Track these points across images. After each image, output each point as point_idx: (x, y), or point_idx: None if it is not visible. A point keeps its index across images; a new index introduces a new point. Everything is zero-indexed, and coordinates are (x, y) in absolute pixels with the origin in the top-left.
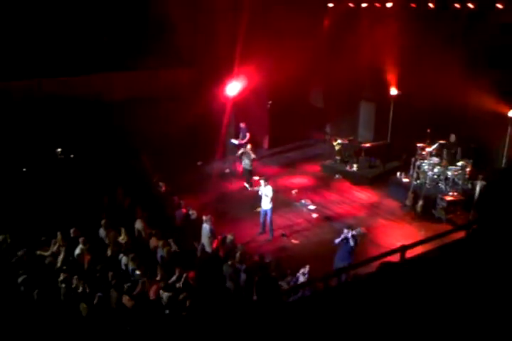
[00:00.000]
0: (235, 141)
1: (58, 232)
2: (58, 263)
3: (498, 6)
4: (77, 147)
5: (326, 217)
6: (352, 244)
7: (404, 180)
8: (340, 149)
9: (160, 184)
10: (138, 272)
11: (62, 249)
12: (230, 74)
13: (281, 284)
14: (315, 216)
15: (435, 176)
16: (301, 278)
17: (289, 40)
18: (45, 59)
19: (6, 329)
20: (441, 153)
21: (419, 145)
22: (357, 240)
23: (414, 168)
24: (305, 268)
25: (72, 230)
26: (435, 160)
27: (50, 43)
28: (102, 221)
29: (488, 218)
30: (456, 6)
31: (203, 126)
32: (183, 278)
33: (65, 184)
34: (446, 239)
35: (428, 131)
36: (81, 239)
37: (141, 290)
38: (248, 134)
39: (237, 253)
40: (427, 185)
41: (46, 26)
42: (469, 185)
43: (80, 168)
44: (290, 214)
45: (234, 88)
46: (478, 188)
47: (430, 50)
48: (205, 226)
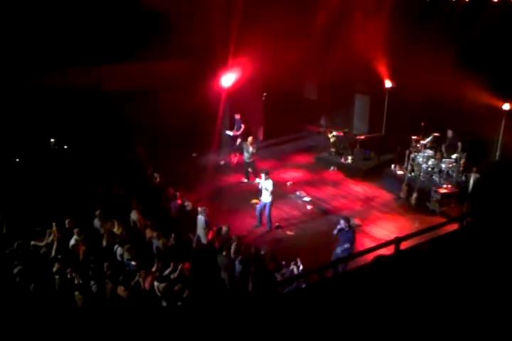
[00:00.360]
0: (229, 133)
1: (53, 223)
2: (52, 253)
3: None
4: (72, 138)
5: (321, 209)
6: (349, 235)
7: (398, 172)
8: (335, 141)
9: (155, 175)
10: (133, 263)
11: (56, 239)
12: (225, 66)
13: (277, 276)
14: (309, 208)
15: (429, 169)
16: (295, 269)
17: (283, 33)
18: (41, 50)
19: (1, 320)
20: (435, 145)
21: (414, 137)
22: (353, 230)
23: (409, 160)
24: (297, 261)
25: (67, 221)
26: (429, 152)
27: (46, 34)
28: (97, 211)
29: (481, 210)
30: None
31: (198, 117)
32: (179, 270)
33: (60, 175)
34: (440, 231)
35: (422, 124)
36: (76, 230)
37: (137, 281)
38: (243, 126)
39: (233, 244)
40: (421, 177)
41: (45, 18)
42: (463, 178)
43: (75, 159)
44: (285, 206)
45: (229, 79)
46: (472, 181)
47: (424, 42)
48: (200, 218)
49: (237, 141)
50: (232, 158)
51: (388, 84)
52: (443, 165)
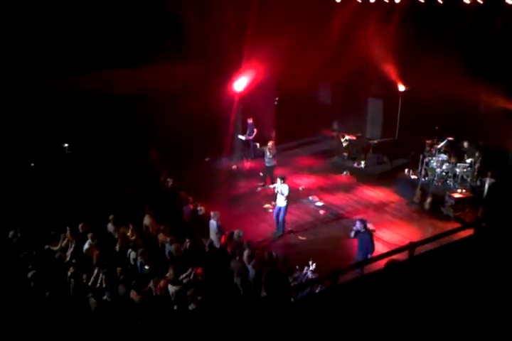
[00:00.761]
0: (242, 137)
1: (67, 227)
2: (67, 257)
3: (507, 1)
4: (86, 142)
5: (333, 214)
6: (366, 237)
7: (412, 177)
8: (347, 146)
9: (167, 179)
10: (147, 267)
11: (71, 243)
12: (238, 70)
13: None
14: (322, 212)
15: (443, 173)
16: (309, 273)
17: (296, 37)
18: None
19: (16, 323)
20: (449, 149)
21: (428, 141)
22: (370, 232)
23: (423, 164)
24: (312, 266)
25: (80, 225)
26: (443, 157)
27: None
28: (111, 216)
29: (497, 215)
30: (466, 1)
31: (210, 121)
32: (192, 274)
33: (74, 179)
34: (455, 237)
35: (436, 128)
36: (90, 234)
37: (151, 285)
38: (255, 130)
39: (246, 249)
40: (435, 182)
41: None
42: (478, 182)
43: (89, 163)
44: (297, 211)
45: (241, 84)
46: (487, 185)
47: (438, 46)
48: (213, 222)
49: (250, 146)
50: (244, 162)
51: (401, 88)
52: (457, 170)
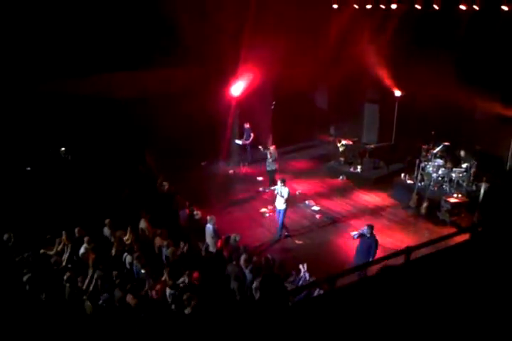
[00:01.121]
0: (239, 142)
1: (63, 231)
2: (63, 262)
3: (503, 7)
4: (82, 146)
5: (330, 218)
6: (369, 242)
7: (408, 181)
8: (344, 150)
9: (164, 183)
10: (143, 271)
11: (66, 248)
12: (235, 75)
13: (286, 285)
14: (318, 217)
15: (439, 178)
16: (306, 276)
17: (294, 42)
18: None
19: (11, 327)
20: (445, 154)
21: (424, 147)
22: (375, 238)
23: (419, 169)
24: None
25: (76, 229)
26: (439, 162)
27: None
28: (107, 220)
29: (492, 220)
30: (462, 7)
31: (207, 125)
32: (188, 278)
33: (70, 183)
34: (451, 242)
35: (432, 133)
36: (86, 239)
37: (147, 289)
38: (252, 135)
39: (243, 253)
40: (431, 186)
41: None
42: (474, 187)
43: (85, 167)
44: (294, 215)
45: (239, 88)
46: (482, 190)
47: (435, 52)
48: (209, 227)
49: (247, 150)
50: (241, 167)
51: (398, 93)
52: (453, 175)
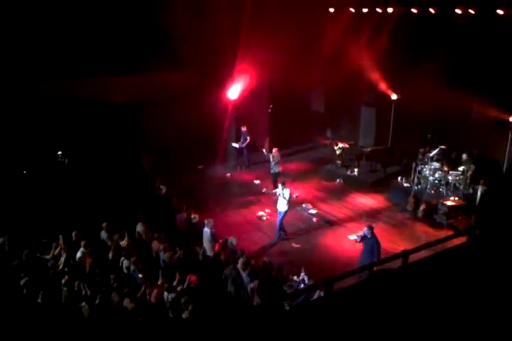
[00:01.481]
0: (235, 145)
1: (60, 235)
2: (60, 265)
3: (498, 11)
4: (79, 149)
5: (327, 221)
6: (371, 242)
7: (405, 184)
8: (341, 153)
9: (161, 187)
10: (140, 275)
11: (63, 252)
12: (231, 78)
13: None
14: (315, 220)
15: (436, 181)
16: (306, 279)
17: (290, 45)
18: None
19: (8, 331)
20: (442, 158)
21: (420, 150)
22: (376, 237)
23: (415, 172)
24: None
25: (73, 233)
26: (436, 165)
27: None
28: (104, 224)
29: (489, 223)
30: (457, 11)
31: (204, 129)
32: (186, 282)
33: (67, 187)
34: (448, 244)
35: (428, 136)
36: (83, 242)
37: (144, 293)
38: (248, 138)
39: (241, 257)
40: (427, 189)
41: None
42: (470, 190)
43: (82, 171)
44: (291, 218)
45: (235, 91)
46: (479, 193)
47: (431, 56)
48: (206, 230)
49: (244, 154)
50: (238, 170)
51: (394, 96)
52: (450, 178)
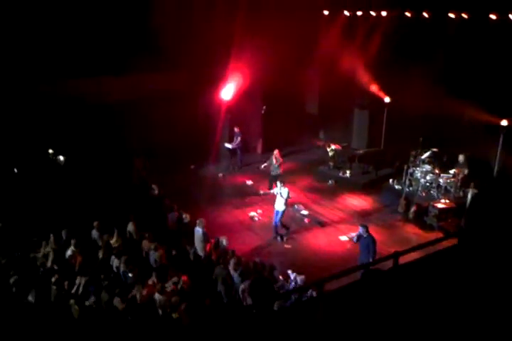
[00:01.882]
0: (228, 145)
1: (51, 234)
2: (48, 263)
3: (491, 16)
4: (71, 148)
5: (319, 223)
6: (367, 241)
7: (396, 186)
8: (333, 155)
9: (153, 186)
10: (130, 275)
11: (53, 250)
12: (224, 78)
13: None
14: (307, 221)
15: (427, 183)
16: (298, 279)
17: (284, 46)
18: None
19: None
20: (433, 160)
21: (412, 152)
22: (372, 236)
23: (407, 175)
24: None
25: (63, 232)
26: (427, 167)
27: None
28: (95, 223)
29: (479, 225)
30: (451, 15)
31: (197, 129)
32: (179, 282)
33: (58, 185)
34: (438, 246)
35: (420, 139)
36: (73, 241)
37: (135, 293)
38: (239, 138)
39: (233, 257)
40: (419, 192)
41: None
42: (461, 193)
43: (73, 170)
44: (283, 219)
45: (229, 92)
46: (469, 196)
47: (424, 59)
48: (198, 230)
49: (237, 154)
50: (230, 170)
51: (387, 99)
52: (441, 180)
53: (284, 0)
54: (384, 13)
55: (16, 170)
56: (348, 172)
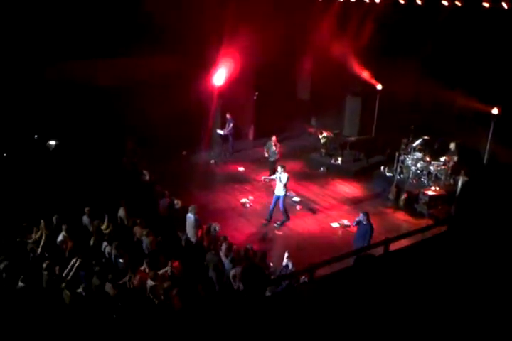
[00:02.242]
0: (220, 132)
1: (41, 220)
2: (39, 249)
3: (484, 4)
4: (62, 133)
5: (310, 209)
6: (365, 228)
7: (387, 174)
8: (325, 142)
9: (144, 172)
10: (121, 260)
11: (44, 235)
12: (216, 64)
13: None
14: (298, 208)
15: (418, 171)
16: (290, 265)
17: (277, 32)
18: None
19: None
20: (424, 148)
21: (404, 140)
22: (371, 224)
23: (398, 162)
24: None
25: (54, 217)
26: (418, 155)
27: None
28: (86, 208)
29: (469, 213)
30: (444, 3)
31: (188, 115)
32: (169, 268)
33: (48, 170)
34: (428, 233)
35: (412, 127)
36: (64, 227)
37: (127, 279)
38: (231, 124)
39: (224, 243)
40: (410, 179)
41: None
42: (451, 181)
43: (64, 155)
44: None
45: (221, 78)
46: (459, 184)
47: (417, 47)
48: (190, 216)
49: (229, 140)
50: (222, 157)
51: (379, 86)
52: (431, 168)
53: None
54: (377, 0)
55: (5, 155)
56: (339, 159)
